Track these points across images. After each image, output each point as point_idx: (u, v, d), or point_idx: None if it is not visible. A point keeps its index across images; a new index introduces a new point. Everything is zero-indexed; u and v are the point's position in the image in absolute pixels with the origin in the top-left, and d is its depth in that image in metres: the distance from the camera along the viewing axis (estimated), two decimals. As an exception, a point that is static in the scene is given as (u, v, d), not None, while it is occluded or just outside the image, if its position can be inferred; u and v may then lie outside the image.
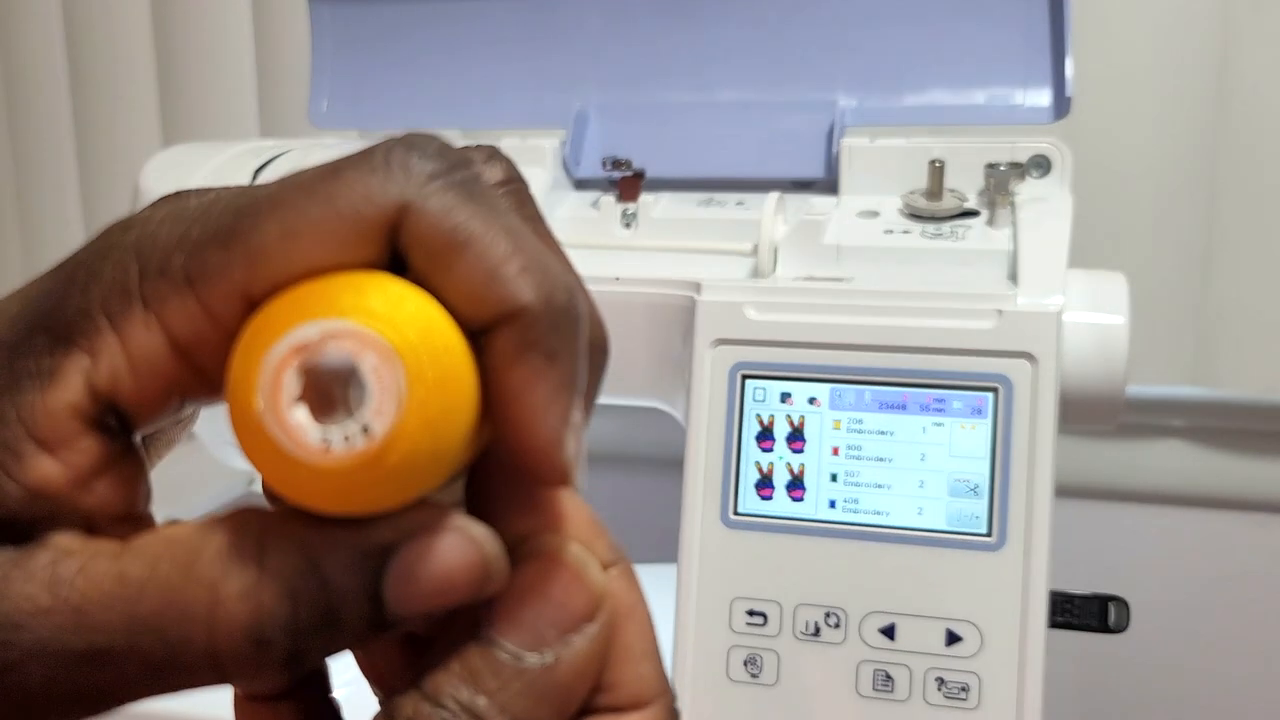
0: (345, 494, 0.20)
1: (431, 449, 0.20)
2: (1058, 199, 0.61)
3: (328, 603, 0.20)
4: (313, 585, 0.20)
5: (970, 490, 0.53)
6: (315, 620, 0.20)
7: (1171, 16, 0.82)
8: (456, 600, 0.21)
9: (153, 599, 0.20)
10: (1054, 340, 0.53)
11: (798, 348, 0.55)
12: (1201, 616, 0.93)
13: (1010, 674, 0.52)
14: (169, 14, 1.06)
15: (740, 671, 0.55)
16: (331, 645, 0.21)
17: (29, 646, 0.20)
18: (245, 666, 0.22)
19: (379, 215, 0.20)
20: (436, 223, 0.20)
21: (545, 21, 0.71)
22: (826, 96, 0.67)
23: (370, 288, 0.21)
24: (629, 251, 0.65)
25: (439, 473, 0.21)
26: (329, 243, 0.20)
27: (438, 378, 0.20)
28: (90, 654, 0.20)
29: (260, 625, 0.20)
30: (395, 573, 0.20)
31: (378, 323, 0.20)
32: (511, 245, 0.20)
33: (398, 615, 0.20)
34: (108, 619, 0.20)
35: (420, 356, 0.20)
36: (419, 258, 0.21)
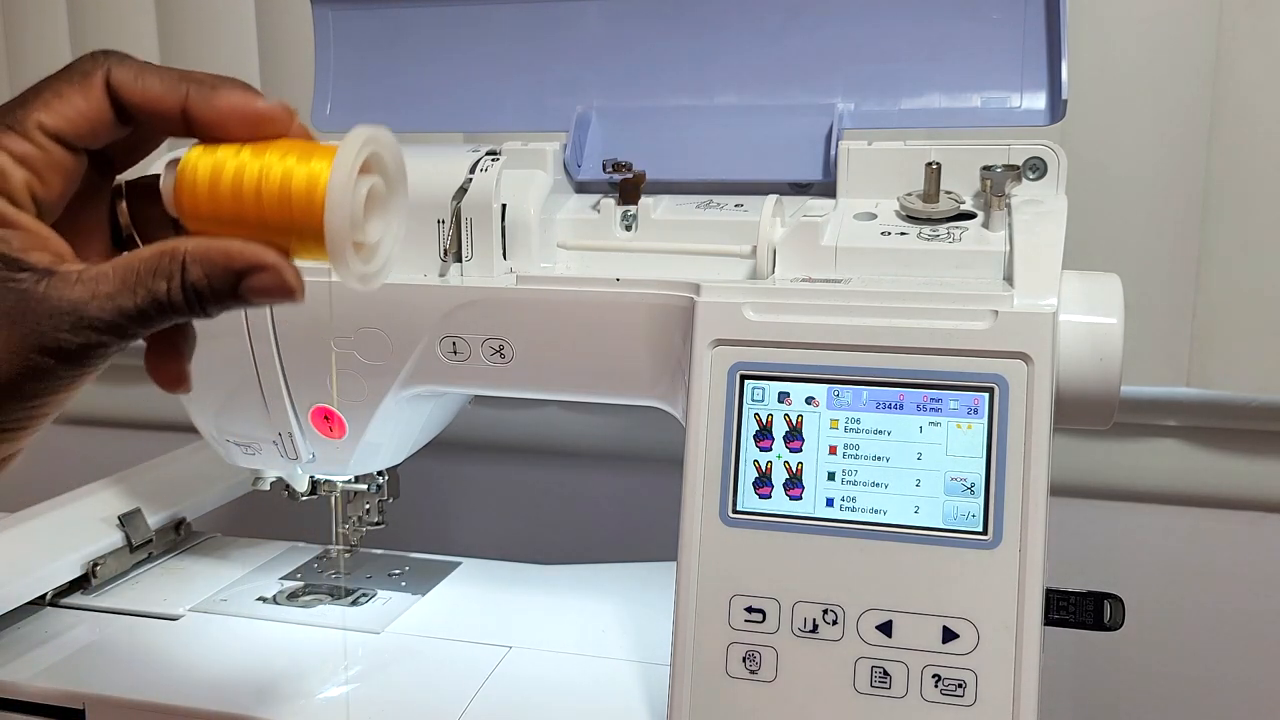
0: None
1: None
2: (1053, 201, 0.62)
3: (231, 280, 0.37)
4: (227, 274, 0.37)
5: (966, 489, 0.54)
6: (223, 288, 0.37)
7: (1166, 21, 0.83)
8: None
9: (146, 266, 0.37)
10: (1049, 341, 0.53)
11: (796, 348, 0.56)
12: (1195, 613, 0.93)
13: (1006, 670, 0.52)
14: (173, 17, 1.07)
15: (739, 668, 0.56)
16: (221, 307, 0.38)
17: (86, 323, 0.36)
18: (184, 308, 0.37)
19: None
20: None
21: (547, 26, 0.72)
22: (824, 100, 0.67)
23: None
24: (629, 253, 0.65)
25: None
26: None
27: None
28: (117, 313, 0.36)
29: (194, 282, 0.37)
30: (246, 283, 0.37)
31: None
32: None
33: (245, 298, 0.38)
34: (121, 293, 0.36)
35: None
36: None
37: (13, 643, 0.69)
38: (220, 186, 0.37)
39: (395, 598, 0.75)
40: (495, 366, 0.64)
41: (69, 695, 0.63)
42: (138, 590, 0.77)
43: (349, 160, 0.37)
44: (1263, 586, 0.91)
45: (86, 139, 0.38)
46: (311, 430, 0.70)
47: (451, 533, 1.10)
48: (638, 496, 1.04)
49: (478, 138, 0.80)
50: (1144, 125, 0.84)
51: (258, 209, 0.37)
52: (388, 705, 0.62)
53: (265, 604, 0.75)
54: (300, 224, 0.37)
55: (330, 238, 0.36)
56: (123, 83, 0.37)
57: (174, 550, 0.84)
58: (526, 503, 1.09)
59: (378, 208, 0.39)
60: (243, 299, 0.37)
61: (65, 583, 0.75)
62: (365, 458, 0.72)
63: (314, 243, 0.37)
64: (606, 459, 1.04)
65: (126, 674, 0.66)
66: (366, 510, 0.78)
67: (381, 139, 0.39)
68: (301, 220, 0.36)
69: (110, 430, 1.15)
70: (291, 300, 0.38)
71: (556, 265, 0.66)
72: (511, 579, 0.79)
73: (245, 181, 0.37)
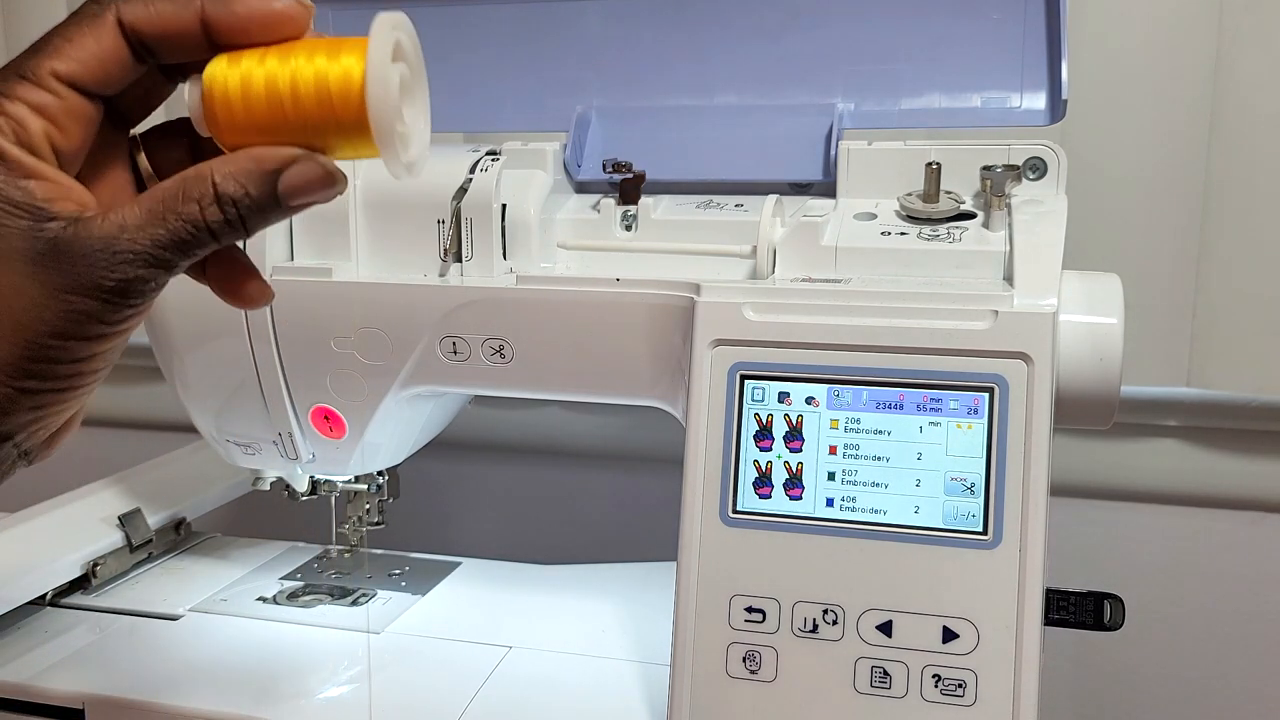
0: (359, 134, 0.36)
1: None
2: (1053, 201, 0.62)
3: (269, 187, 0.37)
4: (262, 177, 0.36)
5: (966, 489, 0.54)
6: (261, 194, 0.36)
7: (1166, 21, 0.83)
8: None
9: (171, 192, 0.36)
10: (1049, 341, 0.53)
11: (796, 348, 0.56)
12: (1195, 613, 0.93)
13: (1006, 670, 0.52)
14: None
15: (739, 668, 0.56)
16: (262, 218, 0.37)
17: (120, 257, 0.35)
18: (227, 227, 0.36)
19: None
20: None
21: (547, 26, 0.72)
22: (824, 100, 0.67)
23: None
24: (629, 253, 0.65)
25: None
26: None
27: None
28: (151, 243, 0.36)
29: (230, 194, 0.36)
30: (284, 182, 0.37)
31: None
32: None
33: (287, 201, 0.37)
34: (152, 222, 0.36)
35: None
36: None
37: (13, 643, 0.69)
38: (253, 94, 0.36)
39: (395, 598, 0.75)
40: (495, 366, 0.64)
41: (69, 695, 0.63)
42: (138, 590, 0.77)
43: (383, 48, 0.36)
44: (1263, 586, 0.91)
45: (103, 83, 0.37)
46: (311, 430, 0.70)
47: (451, 533, 1.10)
48: (638, 496, 1.04)
49: (478, 138, 0.79)
50: (1144, 125, 0.84)
51: (297, 111, 0.36)
52: (388, 705, 0.62)
53: (265, 604, 0.75)
54: (342, 119, 0.36)
55: (376, 126, 0.36)
56: (135, 16, 0.36)
57: (174, 550, 0.84)
58: (526, 503, 1.09)
59: (406, 95, 0.39)
60: (283, 202, 0.37)
61: (65, 583, 0.75)
62: (365, 458, 0.72)
63: (359, 136, 0.36)
64: (606, 459, 1.04)
65: (126, 674, 0.66)
66: (366, 510, 0.78)
67: (403, 24, 0.38)
68: (343, 115, 0.36)
69: (110, 430, 1.15)
70: (333, 189, 0.37)
71: (556, 265, 0.66)
72: (511, 579, 0.79)
73: (280, 85, 0.36)
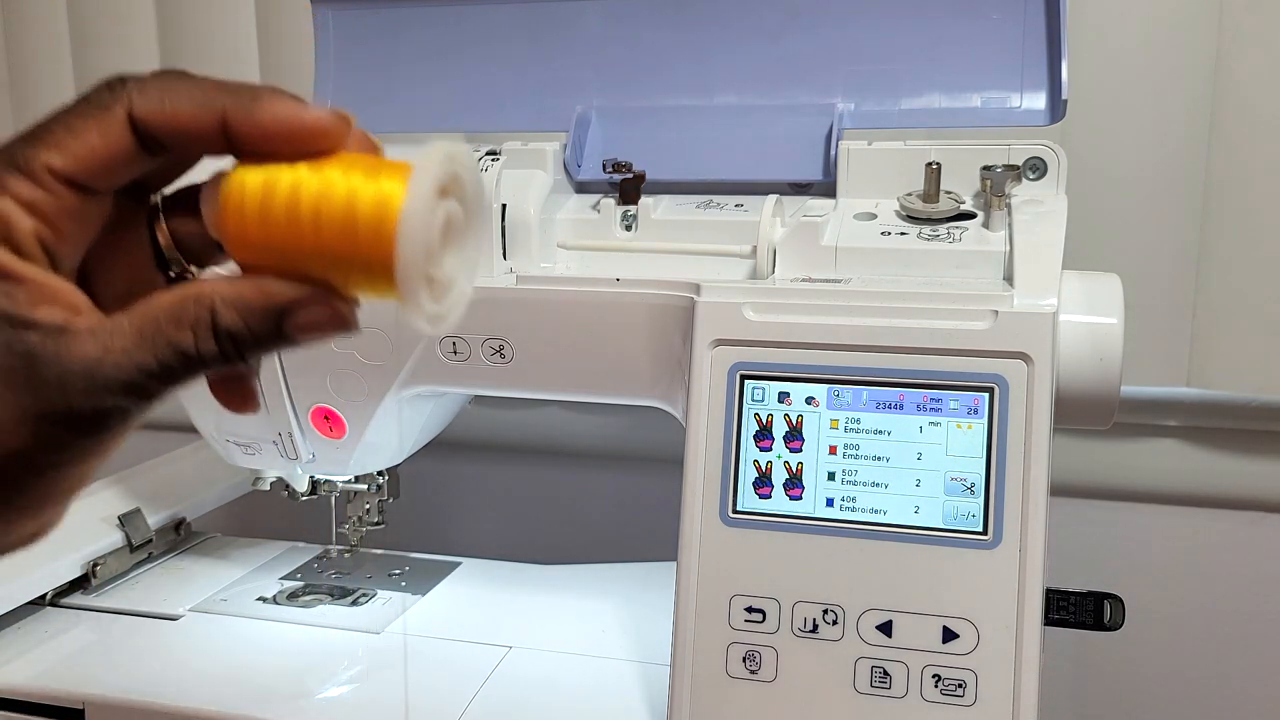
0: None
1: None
2: (1053, 201, 0.62)
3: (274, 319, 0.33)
4: (268, 314, 0.33)
5: (966, 489, 0.54)
6: (263, 330, 0.33)
7: (1166, 21, 0.83)
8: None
9: (166, 314, 0.32)
10: (1049, 341, 0.53)
11: (796, 348, 0.56)
12: (1195, 613, 0.93)
13: (1006, 670, 0.52)
14: (173, 18, 1.07)
15: (739, 668, 0.56)
16: (263, 346, 0.33)
17: (99, 384, 0.31)
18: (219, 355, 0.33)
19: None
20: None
21: (547, 26, 0.72)
22: (824, 100, 0.67)
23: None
24: (629, 253, 0.65)
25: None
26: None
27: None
28: (135, 371, 0.32)
29: (228, 328, 0.32)
30: (291, 321, 0.33)
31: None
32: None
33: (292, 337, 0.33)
34: (140, 347, 0.32)
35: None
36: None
37: (13, 643, 0.69)
38: (273, 208, 0.32)
39: (395, 598, 0.75)
40: (495, 366, 0.64)
41: (69, 695, 0.63)
42: (138, 590, 0.77)
43: (427, 181, 0.31)
44: (1263, 586, 0.91)
45: (103, 181, 0.33)
46: (311, 430, 0.70)
47: (451, 533, 1.10)
48: (638, 496, 1.04)
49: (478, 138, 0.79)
50: (1144, 125, 0.84)
51: (316, 235, 0.31)
52: (388, 705, 0.62)
53: (265, 604, 0.75)
54: (366, 254, 0.31)
55: (402, 272, 0.31)
56: (148, 112, 0.32)
57: (174, 550, 0.84)
58: (526, 503, 1.09)
59: (454, 238, 0.34)
60: (288, 339, 0.33)
61: (65, 583, 0.75)
62: (365, 458, 0.72)
63: (381, 277, 0.31)
64: (606, 459, 1.04)
65: (126, 674, 0.66)
66: (366, 510, 0.78)
67: (461, 158, 0.33)
68: (368, 250, 0.31)
69: (110, 430, 1.15)
70: (346, 333, 0.33)
71: (556, 265, 0.66)
72: (511, 579, 0.79)
73: (303, 202, 0.32)
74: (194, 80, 0.33)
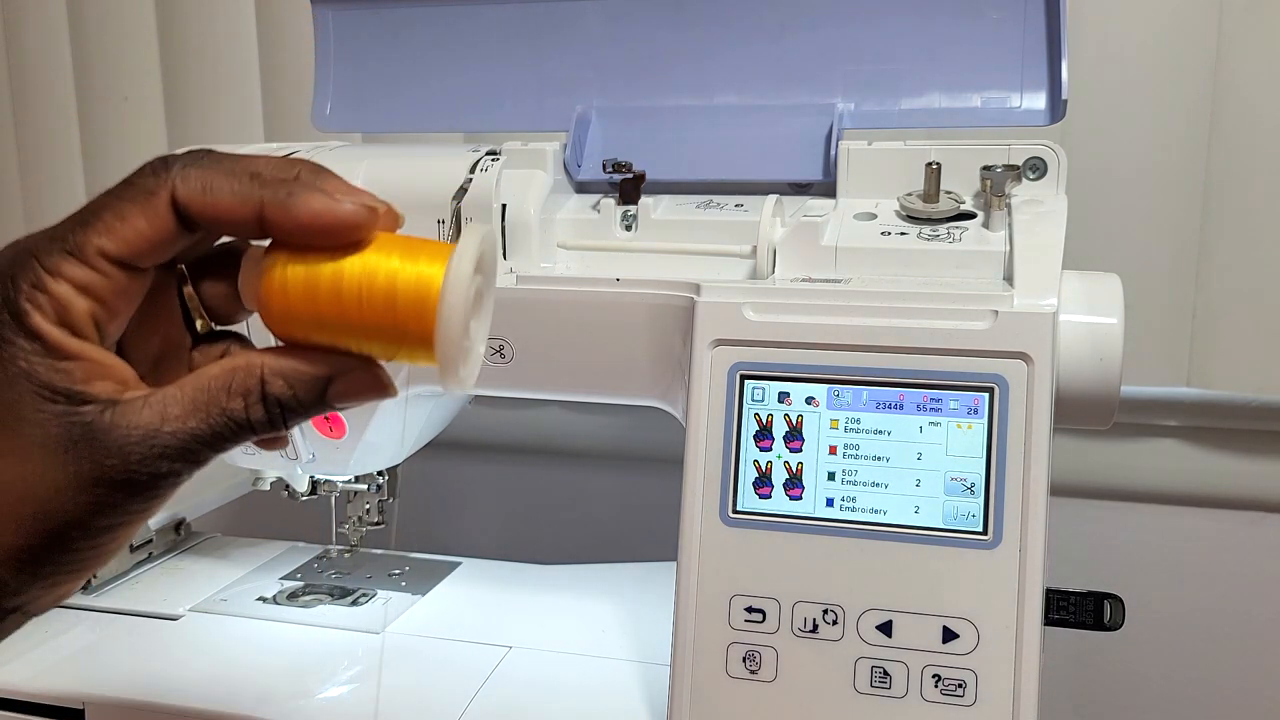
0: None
1: None
2: (1053, 201, 0.62)
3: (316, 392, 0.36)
4: (314, 382, 0.36)
5: (966, 489, 0.54)
6: (309, 398, 0.36)
7: (1166, 21, 0.83)
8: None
9: (218, 384, 0.35)
10: (1049, 341, 0.53)
11: (796, 348, 0.56)
12: (1196, 613, 0.93)
13: (1006, 670, 0.52)
14: (174, 19, 1.07)
15: (739, 668, 0.56)
16: (307, 412, 0.36)
17: (156, 451, 0.34)
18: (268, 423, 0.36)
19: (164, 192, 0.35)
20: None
21: (546, 26, 0.72)
22: (824, 100, 0.67)
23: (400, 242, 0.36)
24: (629, 253, 0.65)
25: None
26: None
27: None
28: (190, 437, 0.35)
29: (277, 395, 0.35)
30: (334, 388, 0.36)
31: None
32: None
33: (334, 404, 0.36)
34: (193, 414, 0.35)
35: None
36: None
37: (13, 643, 0.69)
38: (318, 290, 0.34)
39: (395, 598, 0.75)
40: (495, 366, 0.64)
41: (69, 695, 0.63)
42: (138, 590, 0.77)
43: (468, 264, 0.34)
44: (1263, 586, 0.91)
45: (149, 259, 0.35)
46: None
47: (451, 533, 1.10)
48: (638, 496, 1.04)
49: (478, 138, 0.80)
50: (1144, 125, 0.84)
51: (359, 314, 0.34)
52: (388, 705, 0.62)
53: (265, 604, 0.75)
54: (407, 329, 0.34)
55: (443, 348, 0.33)
56: (190, 199, 0.34)
57: (174, 550, 0.84)
58: (526, 503, 1.09)
59: (477, 307, 0.37)
60: (329, 404, 0.36)
61: (65, 583, 0.75)
62: (365, 458, 0.72)
63: (420, 349, 0.34)
64: (606, 459, 1.04)
65: (126, 674, 0.66)
66: (366, 510, 0.78)
67: (490, 237, 0.36)
68: (410, 325, 0.34)
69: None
70: (385, 396, 0.36)
71: (556, 265, 0.66)
72: (511, 579, 0.79)
73: (345, 284, 0.34)
74: (232, 167, 0.35)
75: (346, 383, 0.35)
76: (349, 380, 0.35)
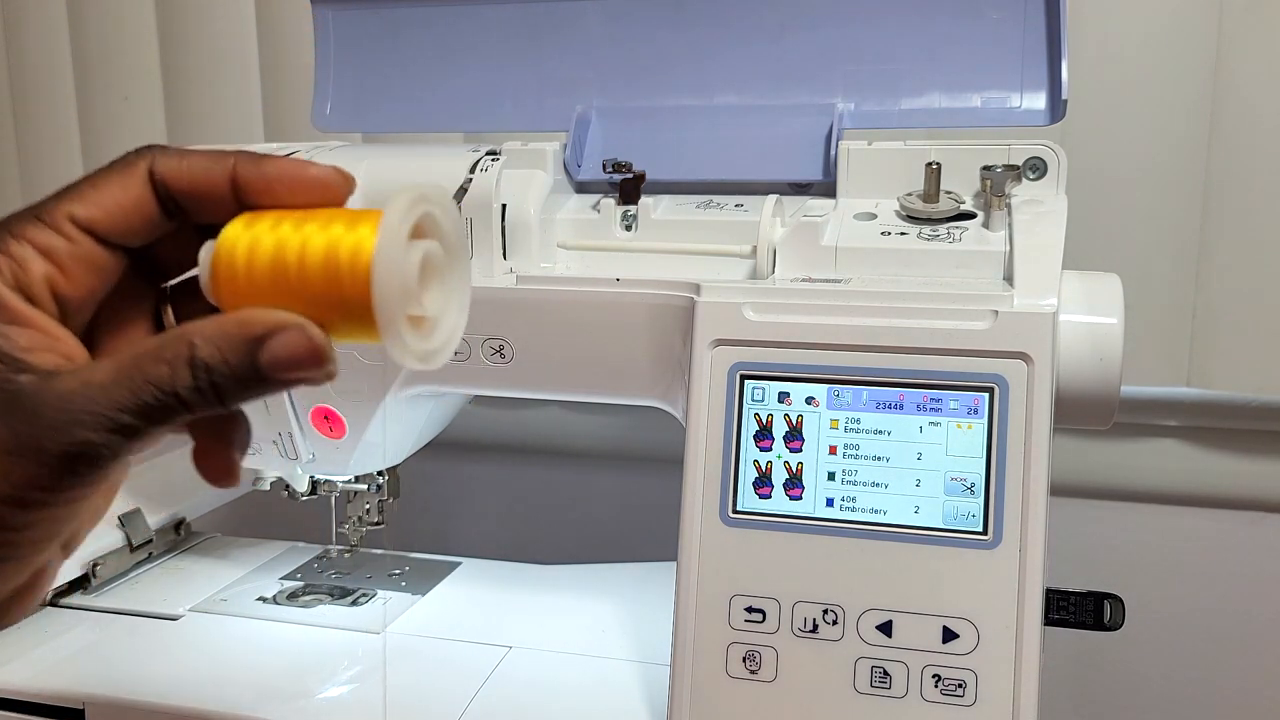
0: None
1: None
2: (1053, 201, 0.62)
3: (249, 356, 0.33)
4: (244, 344, 0.33)
5: (966, 489, 0.54)
6: (239, 362, 0.33)
7: (1166, 21, 0.83)
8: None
9: (149, 351, 0.33)
10: (1049, 341, 0.53)
11: (796, 348, 0.56)
12: (1196, 613, 0.93)
13: (1006, 670, 0.52)
14: (174, 19, 1.07)
15: (739, 668, 0.56)
16: (240, 391, 0.33)
17: (80, 419, 0.32)
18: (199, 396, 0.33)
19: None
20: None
21: (546, 26, 0.72)
22: (824, 100, 0.67)
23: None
24: (629, 253, 0.65)
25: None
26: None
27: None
28: (114, 406, 0.32)
29: (205, 360, 0.32)
30: (265, 352, 0.33)
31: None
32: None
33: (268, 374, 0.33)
34: (117, 383, 0.32)
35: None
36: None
37: (13, 643, 0.69)
38: (258, 262, 0.33)
39: (395, 598, 0.75)
40: (495, 366, 0.64)
41: (69, 695, 0.63)
42: (138, 590, 0.77)
43: (395, 221, 0.32)
44: (1263, 586, 0.91)
45: (123, 232, 0.35)
46: (311, 430, 0.70)
47: (451, 533, 1.10)
48: (638, 496, 1.04)
49: (478, 138, 0.80)
50: (1144, 126, 0.84)
51: (301, 284, 0.32)
52: (388, 705, 0.62)
53: (265, 604, 0.75)
54: (348, 297, 0.32)
55: (379, 310, 0.32)
56: (167, 169, 0.34)
57: (174, 550, 0.84)
58: (526, 503, 1.09)
59: (436, 277, 0.35)
60: (264, 374, 0.32)
61: (65, 583, 0.75)
62: (365, 458, 0.72)
63: (364, 320, 0.32)
64: (606, 459, 1.04)
65: (126, 674, 0.66)
66: (366, 510, 0.78)
67: (435, 198, 0.34)
68: (349, 293, 0.32)
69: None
70: (321, 368, 0.33)
71: (556, 265, 0.66)
72: (511, 579, 0.79)
73: (287, 254, 0.32)
74: (211, 149, 0.35)
75: (278, 344, 0.32)
76: (281, 342, 0.32)
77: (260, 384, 0.33)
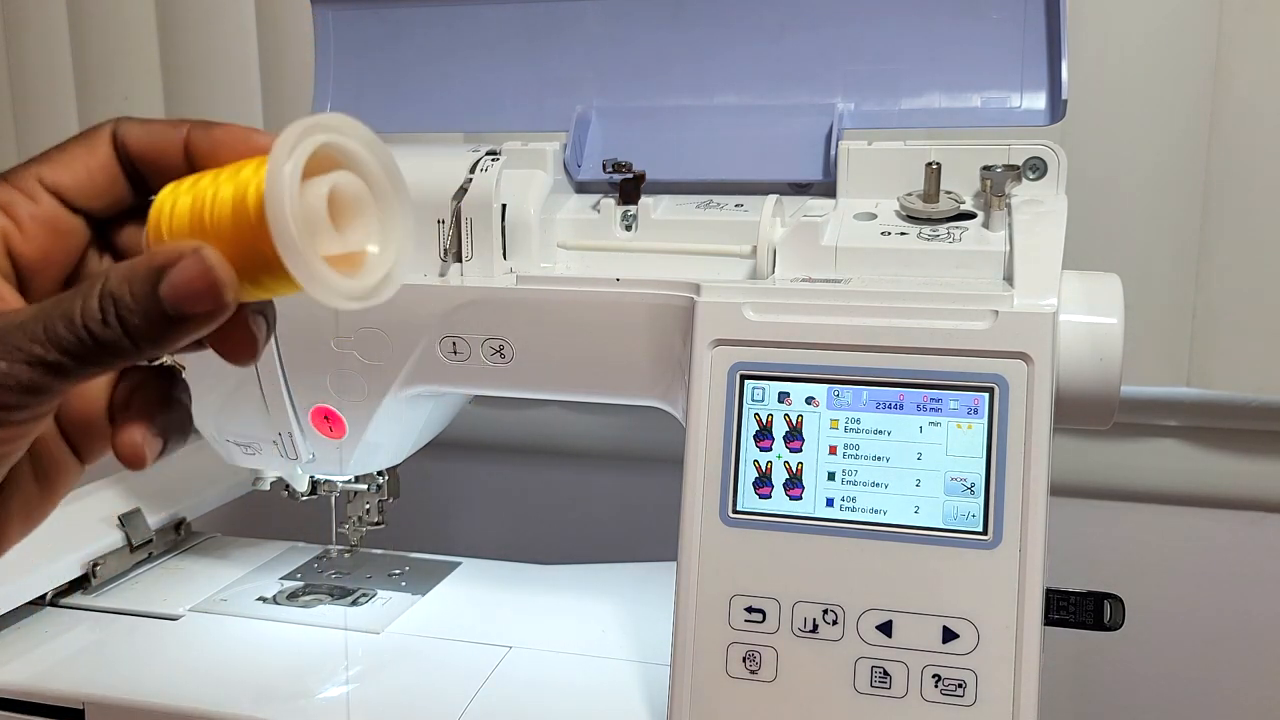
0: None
1: None
2: (1053, 201, 0.62)
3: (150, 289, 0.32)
4: (147, 274, 0.32)
5: (966, 489, 0.54)
6: (142, 292, 0.32)
7: (1166, 21, 0.83)
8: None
9: (69, 290, 0.33)
10: (1049, 341, 0.53)
11: (796, 348, 0.56)
12: (1195, 613, 0.93)
13: (1006, 670, 0.52)
14: (173, 18, 1.07)
15: (739, 668, 0.56)
16: (149, 329, 0.32)
17: (5, 350, 0.31)
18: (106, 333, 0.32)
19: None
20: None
21: (546, 26, 0.72)
22: (824, 100, 0.67)
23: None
24: (629, 253, 0.65)
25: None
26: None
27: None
28: (28, 337, 0.32)
29: (111, 290, 0.32)
30: (166, 283, 0.32)
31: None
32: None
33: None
34: (34, 319, 0.32)
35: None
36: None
37: (13, 643, 0.69)
38: (178, 218, 0.32)
39: (395, 598, 0.75)
40: (495, 366, 0.64)
41: (69, 695, 0.63)
42: (138, 590, 0.77)
43: (281, 154, 0.30)
44: (1263, 586, 0.91)
45: (88, 196, 0.36)
46: (311, 430, 0.70)
47: (451, 533, 1.10)
48: (638, 496, 1.04)
49: (478, 138, 0.79)
50: (1144, 126, 0.84)
51: (216, 235, 0.31)
52: (388, 705, 0.62)
53: (265, 604, 0.75)
54: (257, 241, 0.30)
55: (282, 251, 0.30)
56: (129, 133, 0.36)
57: (174, 550, 0.84)
58: (526, 503, 1.09)
59: (357, 210, 0.33)
60: (166, 308, 0.31)
61: (65, 583, 0.75)
62: (365, 458, 0.72)
63: (280, 266, 0.30)
64: (606, 459, 1.04)
65: (126, 674, 0.66)
66: (366, 510, 0.78)
67: (336, 124, 0.32)
68: (257, 237, 0.30)
69: (110, 430, 1.15)
70: (217, 298, 0.32)
71: (556, 265, 0.66)
72: (511, 579, 0.79)
73: (202, 207, 0.32)
74: (173, 119, 0.37)
75: (176, 273, 0.31)
76: (179, 270, 0.31)
77: (165, 322, 0.32)
